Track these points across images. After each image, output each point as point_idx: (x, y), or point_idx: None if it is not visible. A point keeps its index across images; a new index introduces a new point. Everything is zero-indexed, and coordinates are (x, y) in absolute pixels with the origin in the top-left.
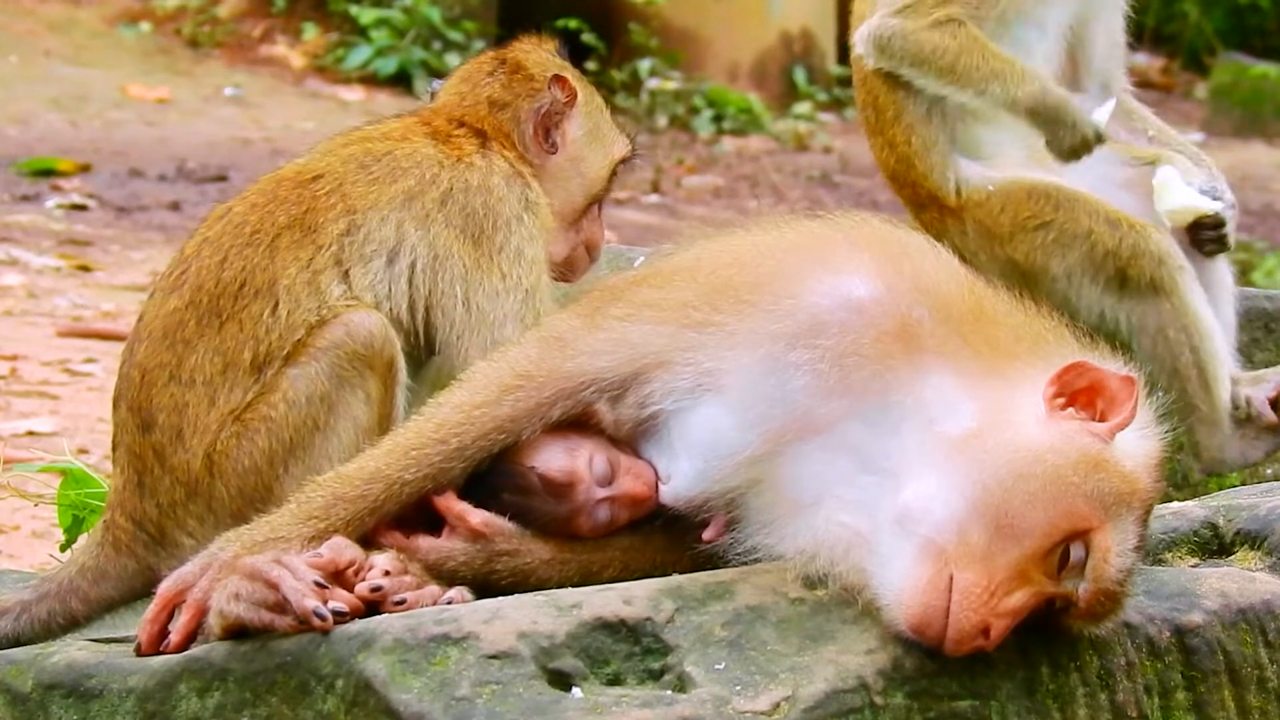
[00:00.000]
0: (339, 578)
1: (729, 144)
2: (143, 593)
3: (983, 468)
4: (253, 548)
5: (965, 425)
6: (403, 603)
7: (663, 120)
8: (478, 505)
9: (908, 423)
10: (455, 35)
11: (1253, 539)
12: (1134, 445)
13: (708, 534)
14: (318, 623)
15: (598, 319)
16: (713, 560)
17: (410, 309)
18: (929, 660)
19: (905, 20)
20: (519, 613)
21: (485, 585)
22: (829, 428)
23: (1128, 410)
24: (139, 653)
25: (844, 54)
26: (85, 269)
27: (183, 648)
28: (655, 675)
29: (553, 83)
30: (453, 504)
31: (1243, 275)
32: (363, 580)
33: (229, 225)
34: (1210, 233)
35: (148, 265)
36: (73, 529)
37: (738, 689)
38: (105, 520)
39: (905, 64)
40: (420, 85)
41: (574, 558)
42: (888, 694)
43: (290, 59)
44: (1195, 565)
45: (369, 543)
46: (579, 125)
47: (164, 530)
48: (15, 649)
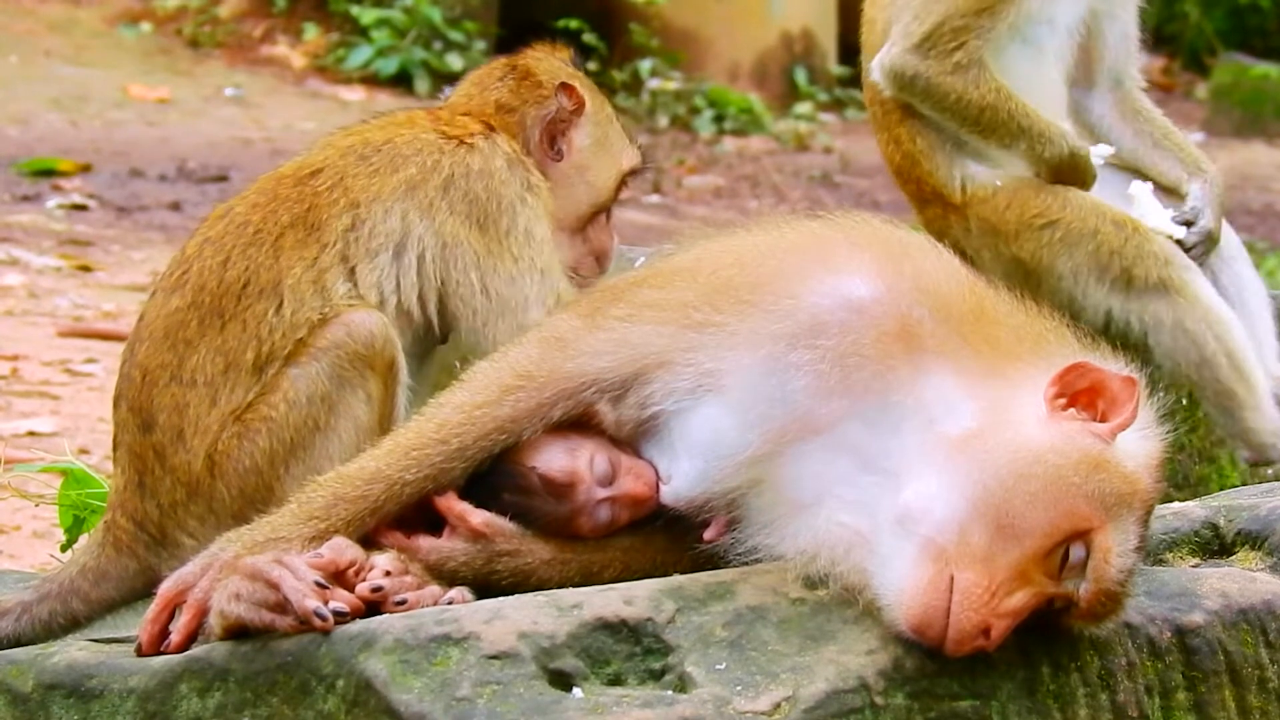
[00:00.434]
0: (340, 578)
1: (730, 144)
2: (144, 593)
3: (983, 468)
4: (253, 548)
5: (966, 425)
6: (403, 603)
7: (663, 120)
8: (478, 505)
9: (908, 423)
10: (456, 35)
11: (1253, 539)
12: (1135, 446)
13: (708, 534)
14: (318, 623)
15: (599, 319)
16: (713, 560)
17: (421, 301)
18: (929, 660)
19: (926, 61)
20: (520, 613)
21: (486, 585)
22: (830, 428)
23: (1129, 411)
24: (140, 653)
25: (845, 54)
26: (86, 269)
27: (183, 648)
28: (656, 675)
29: (560, 90)
30: (453, 504)
31: None
32: (363, 580)
33: (231, 225)
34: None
35: (148, 265)
36: (73, 529)
37: (738, 689)
38: (106, 521)
39: (926, 106)
40: (421, 85)
41: (575, 558)
42: (888, 694)
43: (291, 59)
44: (1196, 565)
45: (370, 543)
46: (586, 134)
47: (165, 530)
48: (16, 649)
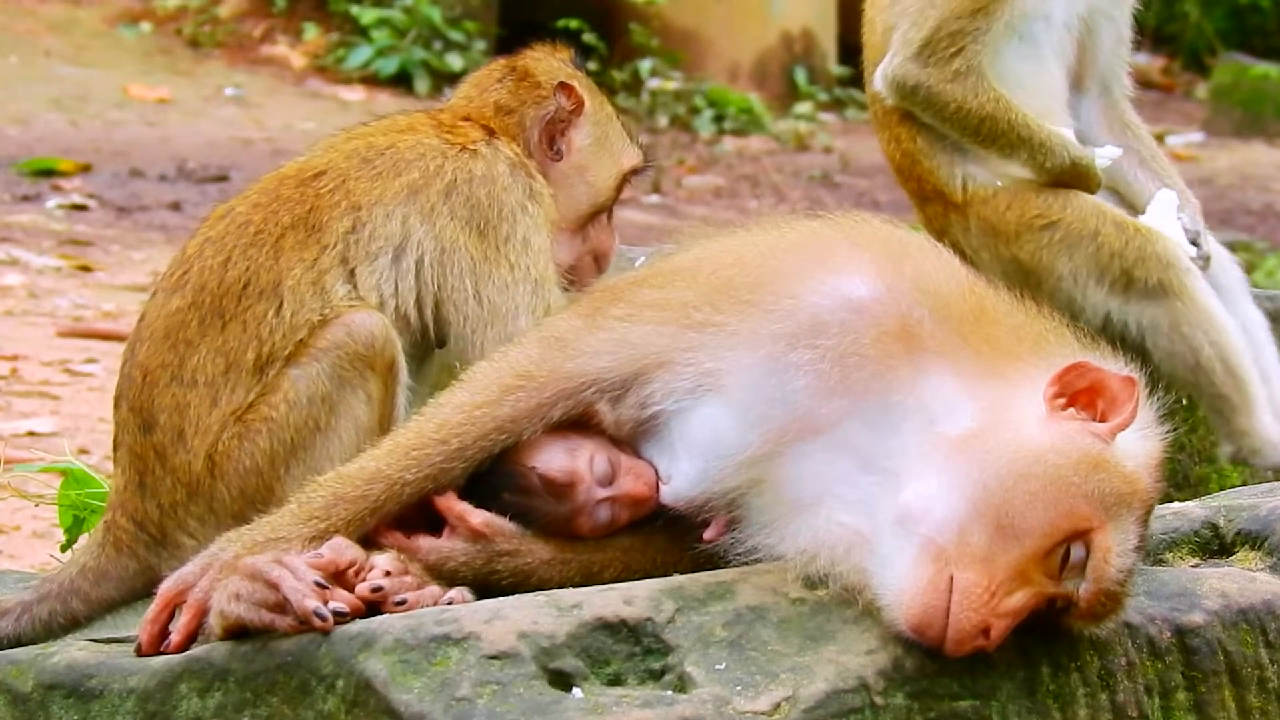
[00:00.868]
0: (340, 578)
1: (730, 144)
2: (144, 593)
3: (983, 468)
4: (253, 548)
5: (966, 425)
6: (403, 603)
7: (663, 120)
8: (478, 505)
9: (908, 423)
10: (456, 35)
11: (1253, 539)
12: (1135, 446)
13: (708, 534)
14: (318, 623)
15: (598, 319)
16: (713, 560)
17: (418, 305)
18: (929, 660)
19: (926, 69)
20: (520, 613)
21: (486, 585)
22: (830, 428)
23: (1128, 411)
24: (139, 653)
25: (845, 54)
26: (86, 269)
27: (183, 648)
28: (656, 675)
29: (558, 90)
30: (453, 504)
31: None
32: (363, 580)
33: (232, 225)
34: None
35: (148, 265)
36: (73, 529)
37: (738, 689)
38: (106, 521)
39: (928, 115)
40: (421, 85)
41: (575, 558)
42: (888, 694)
43: (291, 59)
44: (1196, 565)
45: (370, 543)
46: (585, 134)
47: (165, 531)
48: (16, 649)
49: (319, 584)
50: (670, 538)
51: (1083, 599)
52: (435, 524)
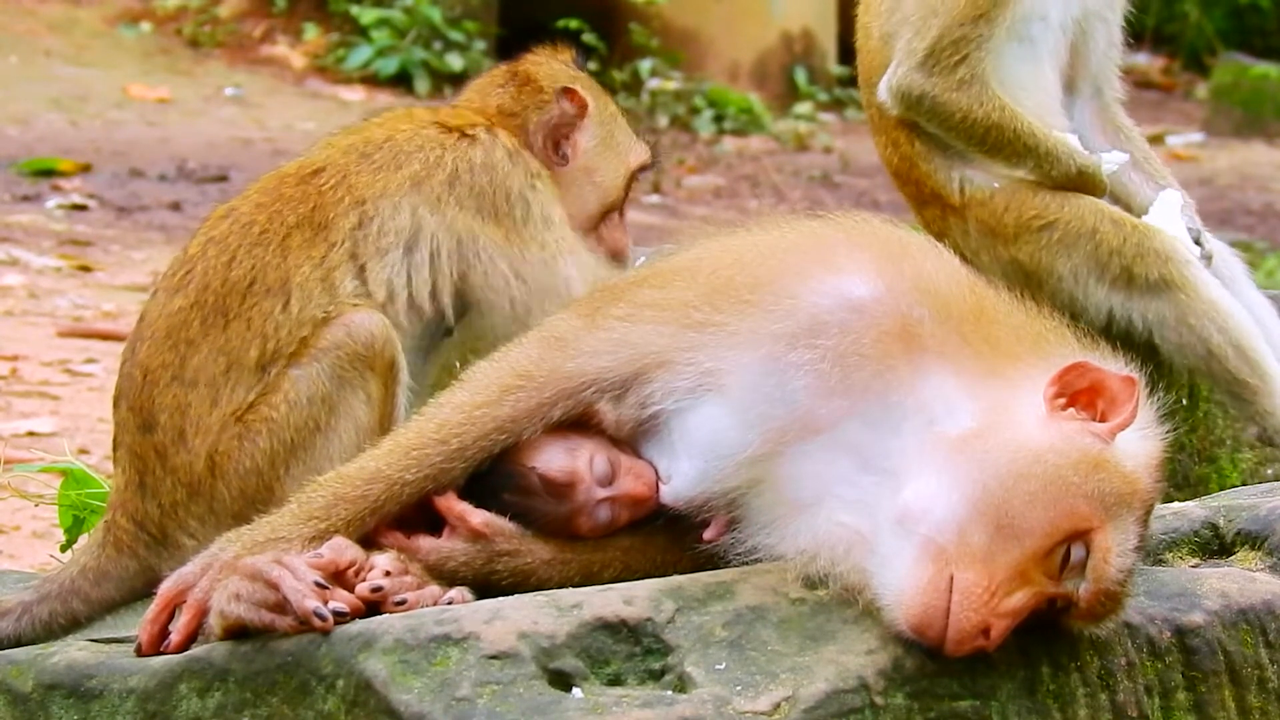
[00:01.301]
0: (339, 578)
1: (730, 144)
2: (144, 593)
3: (983, 468)
4: (253, 548)
5: (966, 425)
6: (403, 603)
7: (663, 120)
8: (478, 506)
9: (908, 423)
10: (456, 35)
11: (1253, 539)
12: (1135, 446)
13: (708, 534)
14: (318, 623)
15: (598, 319)
16: (713, 560)
17: (434, 294)
18: (929, 660)
19: (931, 79)
20: (519, 613)
21: (486, 585)
22: (830, 428)
23: (1128, 411)
24: (139, 653)
25: (844, 54)
26: (86, 269)
27: (183, 648)
28: (656, 675)
29: (561, 95)
30: (453, 504)
31: None
32: (363, 580)
33: (235, 225)
34: None
35: (148, 265)
36: (73, 529)
37: (738, 689)
38: (106, 521)
39: (933, 125)
40: (421, 85)
41: (575, 558)
42: (888, 694)
43: (291, 59)
44: (1196, 565)
45: (370, 543)
46: (591, 136)
47: (165, 531)
48: (16, 649)
49: (319, 584)
50: (670, 538)
51: (1083, 599)
52: (435, 524)
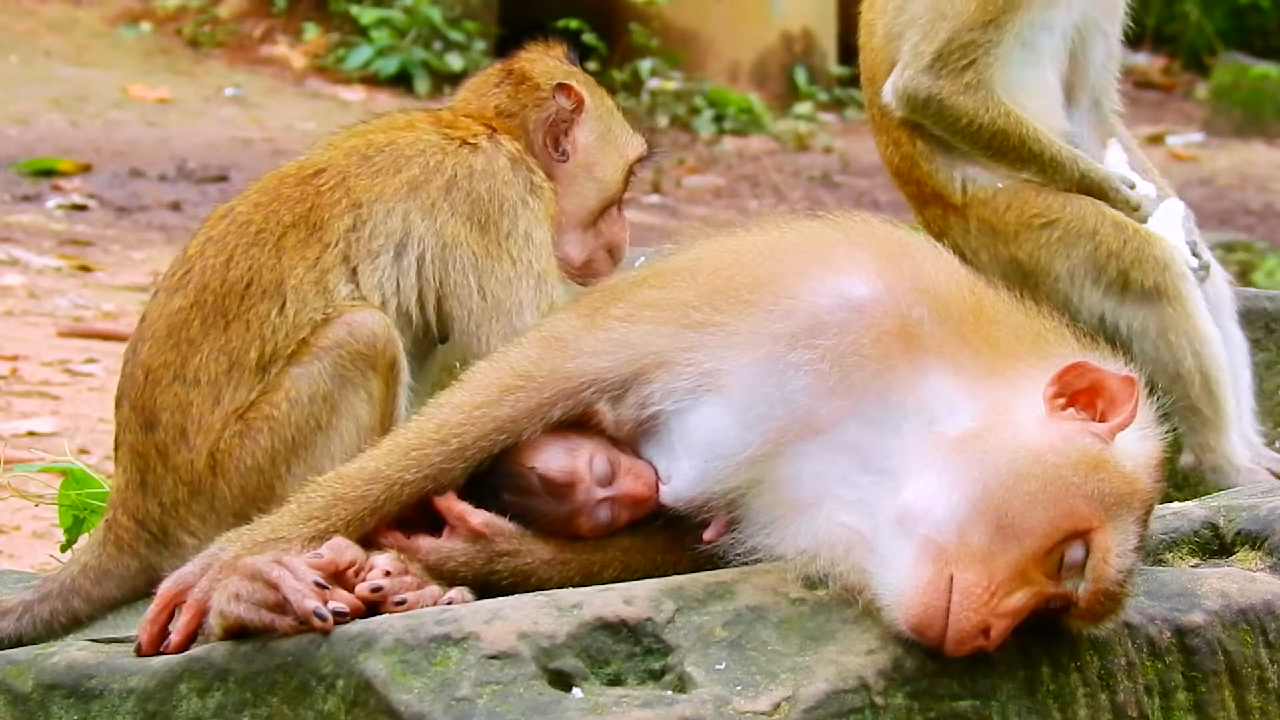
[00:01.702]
0: (339, 578)
1: (730, 144)
2: (145, 592)
3: (983, 468)
4: (253, 548)
5: (965, 425)
6: (403, 603)
7: (663, 120)
8: (478, 506)
9: (908, 423)
10: (456, 35)
11: (1253, 539)
12: (1134, 446)
13: (708, 534)
14: (318, 623)
15: (598, 319)
16: (713, 560)
17: (420, 301)
18: (929, 660)
19: (938, 81)
20: (519, 613)
21: (486, 585)
22: (829, 428)
23: (1128, 411)
24: (139, 653)
25: (845, 54)
26: (86, 269)
27: (183, 648)
28: (656, 675)
29: (558, 91)
30: (453, 504)
31: (1243, 275)
32: (363, 580)
33: (233, 225)
34: None
35: (148, 265)
36: (73, 529)
37: (738, 689)
38: (107, 519)
39: (939, 128)
40: (421, 85)
41: (574, 558)
42: (888, 694)
43: (291, 59)
44: (1196, 565)
45: (370, 543)
46: (589, 131)
47: (166, 529)
48: (16, 649)
49: (319, 584)
50: (670, 538)
51: (1082, 599)
52: (435, 524)
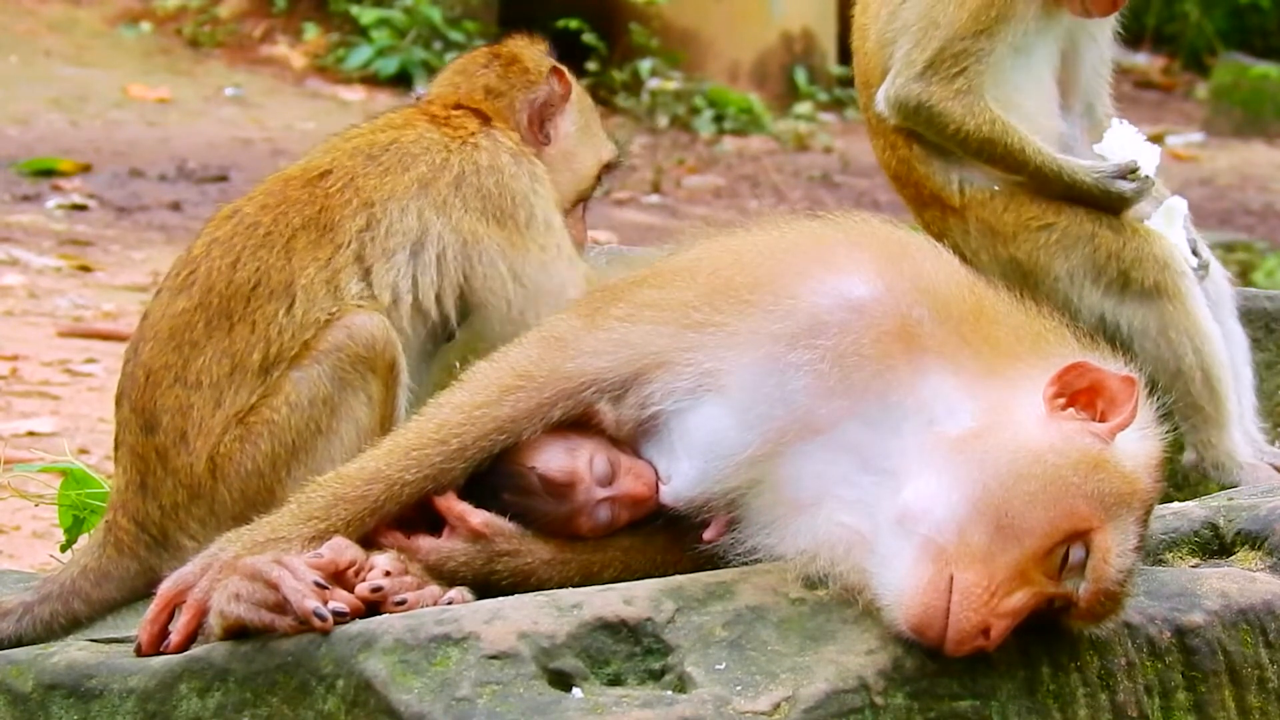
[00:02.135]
0: (339, 578)
1: (730, 144)
2: (144, 594)
3: (983, 468)
4: (253, 548)
5: (965, 425)
6: (403, 603)
7: (663, 120)
8: (478, 506)
9: (908, 423)
10: (456, 35)
11: (1253, 539)
12: (1134, 446)
13: (708, 534)
14: (318, 623)
15: (598, 319)
16: (713, 560)
17: (438, 298)
18: (929, 660)
19: (929, 88)
20: (519, 613)
21: (486, 585)
22: (829, 428)
23: (1128, 411)
24: (139, 653)
25: (844, 54)
26: (86, 269)
27: (183, 648)
28: (656, 675)
29: (551, 74)
30: (453, 504)
31: (1243, 275)
32: (363, 581)
33: (240, 226)
34: None
35: (148, 265)
36: (73, 529)
37: (738, 689)
38: (107, 521)
39: (931, 133)
40: (421, 85)
41: (574, 558)
42: (888, 694)
43: (291, 59)
44: (1196, 565)
45: (370, 543)
46: (572, 120)
47: (166, 532)
48: (16, 649)
49: (319, 584)
50: (670, 538)
51: (1082, 599)
52: (435, 524)
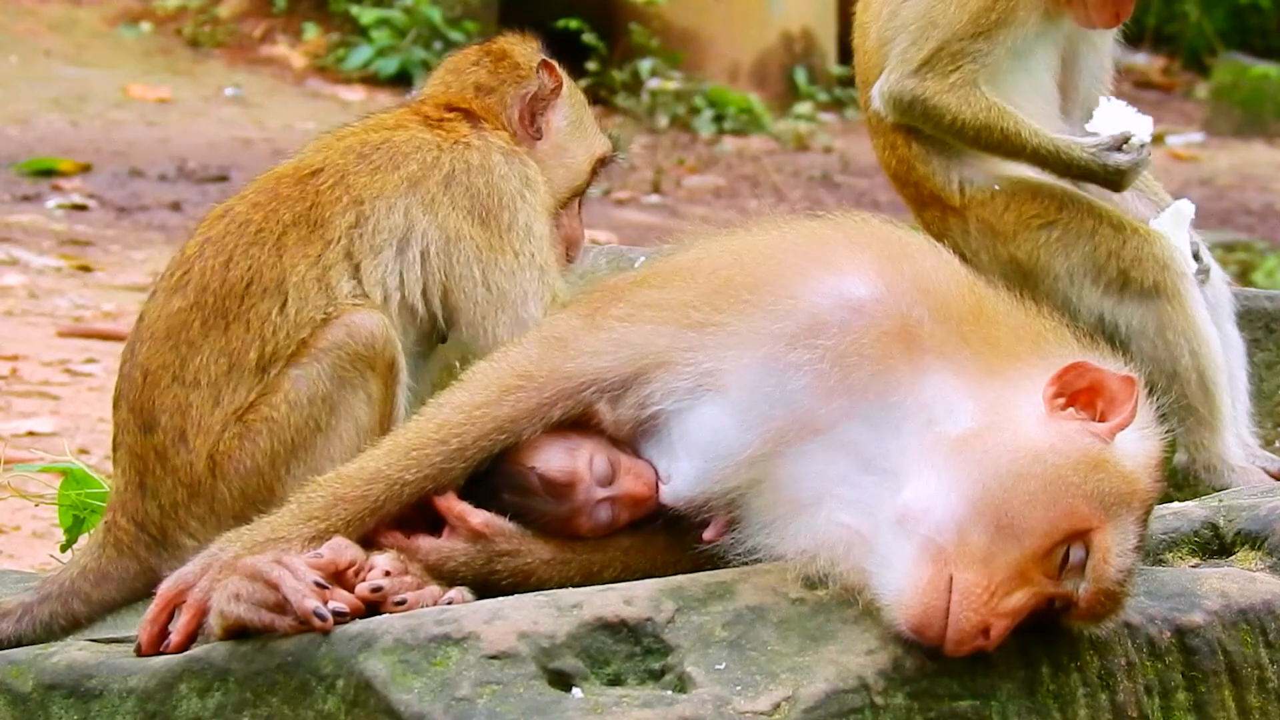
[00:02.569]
0: (339, 578)
1: (730, 144)
2: (145, 594)
3: (983, 468)
4: (253, 548)
5: (965, 425)
6: (403, 603)
7: (663, 120)
8: (478, 505)
9: (908, 423)
10: (456, 35)
11: (1253, 539)
12: (1134, 445)
13: (708, 534)
14: (318, 623)
15: (598, 319)
16: (713, 560)
17: (425, 296)
18: (929, 660)
19: (923, 84)
20: (519, 613)
21: (486, 585)
22: (829, 428)
23: (1128, 410)
24: (139, 653)
25: (844, 54)
26: (86, 269)
27: (183, 648)
28: (656, 675)
29: (541, 68)
30: (453, 504)
31: (1243, 275)
32: (363, 580)
33: (231, 225)
34: None
35: (148, 265)
36: (73, 529)
37: (738, 689)
38: (106, 521)
39: (927, 127)
40: (421, 86)
41: (574, 558)
42: (888, 694)
43: (291, 59)
44: (1196, 565)
45: (370, 543)
46: (563, 115)
47: (165, 531)
48: (16, 649)
49: (319, 584)
50: (670, 538)
51: (1082, 599)
52: (435, 524)
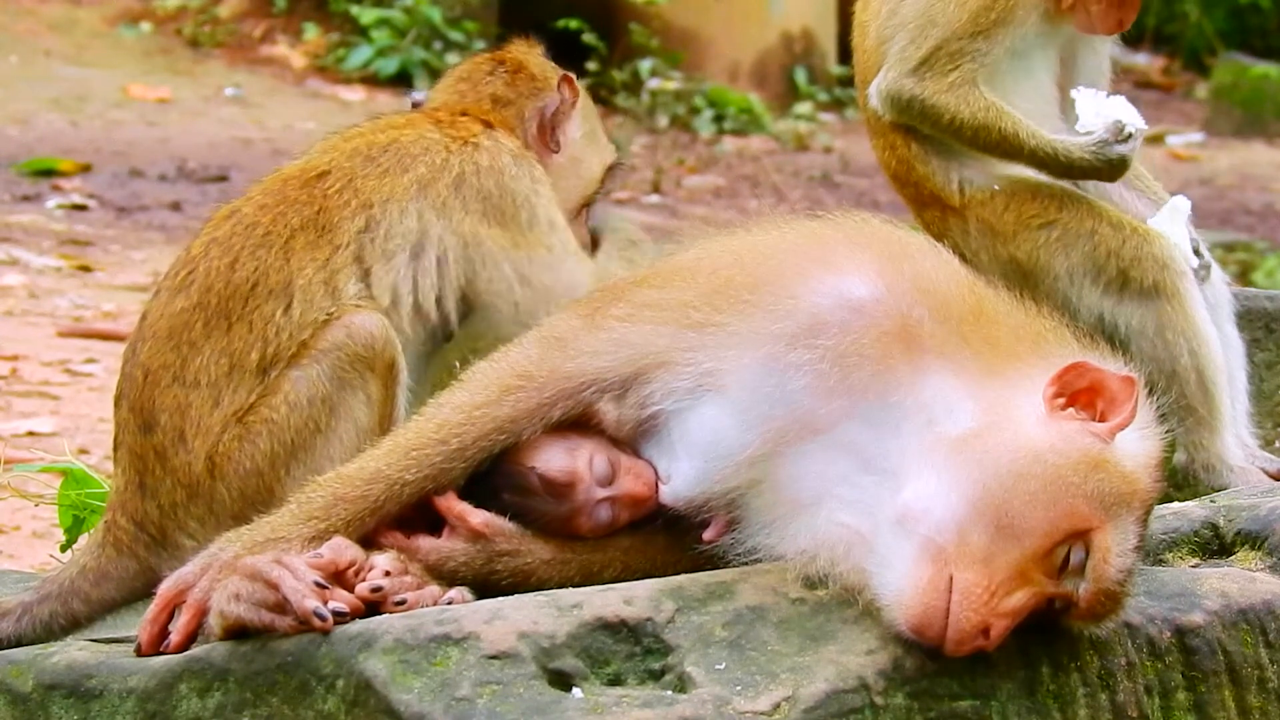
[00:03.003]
0: (339, 578)
1: (730, 144)
2: (144, 594)
3: (983, 468)
4: (253, 548)
5: (965, 425)
6: (403, 603)
7: (663, 120)
8: (478, 505)
9: (908, 423)
10: (456, 35)
11: (1253, 539)
12: (1134, 445)
13: (708, 534)
14: (318, 623)
15: (598, 319)
16: (713, 560)
17: (439, 300)
18: (929, 660)
19: (922, 83)
20: (519, 613)
21: (486, 585)
22: (829, 428)
23: (1128, 410)
24: (139, 653)
25: (844, 54)
26: (86, 269)
27: (183, 648)
28: (656, 675)
29: (562, 83)
30: (453, 504)
31: (1243, 275)
32: (363, 580)
33: (238, 226)
34: None
35: (148, 265)
36: (73, 529)
37: (738, 689)
38: (106, 521)
39: (925, 126)
40: (421, 85)
41: (574, 558)
42: (888, 694)
43: (291, 59)
44: (1196, 565)
45: (370, 543)
46: (578, 126)
47: (165, 531)
48: (16, 649)
49: (319, 584)
50: (670, 538)
51: (1083, 599)
52: (435, 524)
